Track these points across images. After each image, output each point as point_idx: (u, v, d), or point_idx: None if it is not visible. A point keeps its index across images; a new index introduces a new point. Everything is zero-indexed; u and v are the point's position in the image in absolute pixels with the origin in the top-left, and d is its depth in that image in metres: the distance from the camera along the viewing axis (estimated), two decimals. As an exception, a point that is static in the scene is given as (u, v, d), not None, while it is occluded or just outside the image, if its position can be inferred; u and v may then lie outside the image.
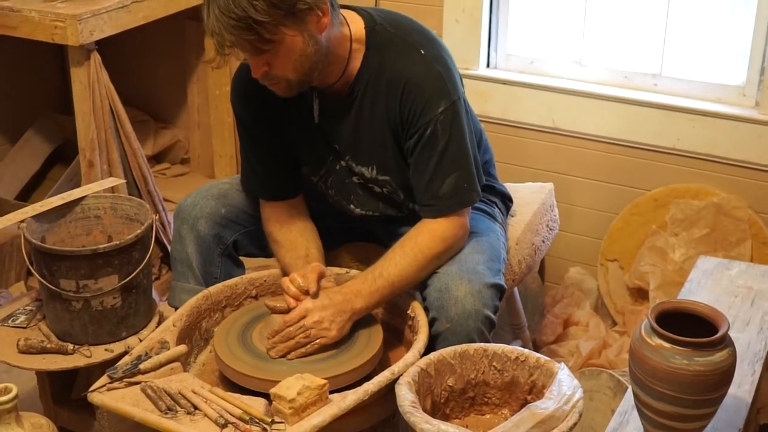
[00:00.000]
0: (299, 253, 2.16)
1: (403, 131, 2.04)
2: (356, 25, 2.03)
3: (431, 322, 2.00)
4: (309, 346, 1.95)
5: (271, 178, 2.21)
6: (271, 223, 2.21)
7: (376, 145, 2.09)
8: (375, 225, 2.29)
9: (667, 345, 1.59)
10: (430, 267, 2.02)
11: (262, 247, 2.31)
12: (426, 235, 2.03)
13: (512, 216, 2.48)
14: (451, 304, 1.96)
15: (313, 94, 2.08)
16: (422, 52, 2.01)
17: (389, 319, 2.17)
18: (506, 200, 2.39)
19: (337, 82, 2.04)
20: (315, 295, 1.97)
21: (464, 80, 3.06)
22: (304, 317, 1.95)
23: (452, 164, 2.02)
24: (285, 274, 2.17)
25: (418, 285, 2.07)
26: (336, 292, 2.00)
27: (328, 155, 2.16)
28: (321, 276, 2.02)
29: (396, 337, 2.15)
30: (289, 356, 1.95)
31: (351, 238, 2.38)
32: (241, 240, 2.28)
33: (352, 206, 2.22)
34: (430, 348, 1.96)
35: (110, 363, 2.05)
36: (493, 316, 1.99)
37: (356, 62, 2.03)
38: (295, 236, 2.19)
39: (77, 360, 2.17)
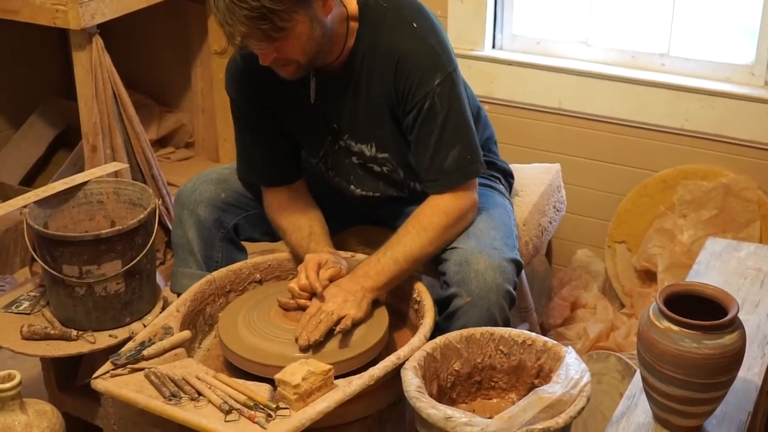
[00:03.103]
0: (303, 234, 2.16)
1: (400, 107, 2.03)
2: (351, 3, 2.01)
3: (450, 298, 1.97)
4: (342, 321, 1.91)
5: (270, 164, 2.19)
6: (274, 209, 2.21)
7: (374, 122, 2.08)
8: (377, 206, 2.28)
9: (675, 328, 1.58)
10: (437, 242, 2.00)
11: (264, 232, 2.31)
12: (429, 210, 2.01)
13: (516, 195, 2.46)
14: (471, 277, 1.94)
15: (310, 74, 2.06)
16: (414, 25, 1.99)
17: (395, 303, 2.15)
18: (508, 177, 2.37)
19: (335, 62, 2.03)
20: (321, 296, 1.96)
21: (470, 61, 3.03)
22: (320, 307, 1.95)
23: (454, 136, 2.00)
24: (293, 256, 2.19)
25: (430, 266, 2.05)
26: (345, 278, 2.01)
27: (327, 135, 2.15)
28: (320, 266, 2.01)
29: (402, 321, 2.14)
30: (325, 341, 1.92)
31: (355, 222, 2.37)
32: (241, 224, 2.27)
33: (352, 187, 2.21)
34: (444, 327, 1.94)
35: (114, 349, 2.04)
36: (513, 292, 1.97)
37: (352, 39, 2.01)
38: (297, 217, 2.18)
39: (81, 346, 2.17)
